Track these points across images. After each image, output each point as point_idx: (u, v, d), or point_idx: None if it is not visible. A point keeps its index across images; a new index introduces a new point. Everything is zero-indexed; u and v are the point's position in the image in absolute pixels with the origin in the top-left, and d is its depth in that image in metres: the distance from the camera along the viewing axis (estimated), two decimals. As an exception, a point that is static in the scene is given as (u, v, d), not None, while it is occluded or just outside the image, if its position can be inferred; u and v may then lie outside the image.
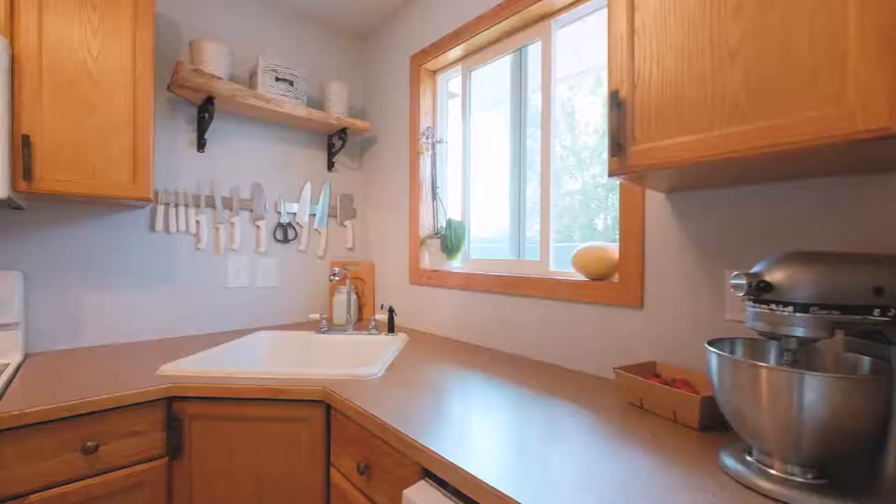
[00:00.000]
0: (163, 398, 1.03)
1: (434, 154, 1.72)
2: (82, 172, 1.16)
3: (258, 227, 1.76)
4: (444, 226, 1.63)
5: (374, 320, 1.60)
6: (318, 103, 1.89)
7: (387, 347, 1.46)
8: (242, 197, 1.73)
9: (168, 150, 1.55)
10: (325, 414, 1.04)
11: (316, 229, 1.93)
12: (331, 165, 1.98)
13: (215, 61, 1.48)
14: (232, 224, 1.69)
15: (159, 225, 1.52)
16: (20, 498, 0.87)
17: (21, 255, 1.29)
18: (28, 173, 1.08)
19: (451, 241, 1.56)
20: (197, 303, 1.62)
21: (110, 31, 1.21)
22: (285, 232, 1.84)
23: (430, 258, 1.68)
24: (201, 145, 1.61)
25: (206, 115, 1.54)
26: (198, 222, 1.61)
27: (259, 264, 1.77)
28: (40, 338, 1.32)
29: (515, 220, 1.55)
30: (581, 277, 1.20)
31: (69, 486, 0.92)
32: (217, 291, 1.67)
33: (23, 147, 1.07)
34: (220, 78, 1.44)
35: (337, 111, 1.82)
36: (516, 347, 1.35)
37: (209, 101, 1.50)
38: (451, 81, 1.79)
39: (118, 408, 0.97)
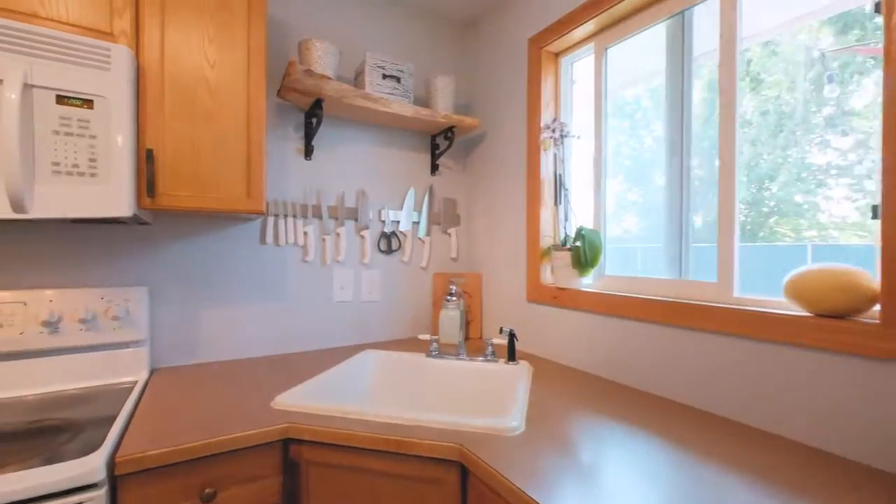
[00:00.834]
0: (280, 439, 0.91)
1: (559, 150, 1.47)
2: (199, 186, 1.10)
3: (363, 237, 1.65)
4: (573, 235, 1.37)
5: (491, 344, 1.39)
6: (422, 101, 1.73)
7: (513, 383, 1.24)
8: (347, 205, 1.62)
9: (277, 158, 1.49)
10: (459, 478, 0.84)
11: (420, 238, 1.78)
12: (434, 168, 1.82)
13: (324, 62, 1.38)
14: (338, 235, 1.60)
15: (269, 237, 1.47)
16: (142, 546, 0.80)
17: (147, 271, 1.29)
18: (152, 189, 1.03)
19: (584, 254, 1.30)
20: (304, 318, 1.55)
21: (225, 37, 1.14)
22: (389, 242, 1.71)
23: (554, 273, 1.42)
24: (308, 152, 1.53)
25: (315, 119, 1.44)
26: (305, 233, 1.53)
27: (363, 277, 1.66)
28: (162, 353, 1.32)
29: (673, 228, 1.23)
30: (798, 311, 0.87)
31: (188, 534, 0.83)
32: (323, 306, 1.58)
33: (147, 162, 1.03)
34: (330, 78, 1.33)
35: (444, 108, 1.65)
36: (689, 397, 1.05)
37: (317, 104, 1.40)
38: (576, 64, 1.52)
39: (237, 450, 0.87)
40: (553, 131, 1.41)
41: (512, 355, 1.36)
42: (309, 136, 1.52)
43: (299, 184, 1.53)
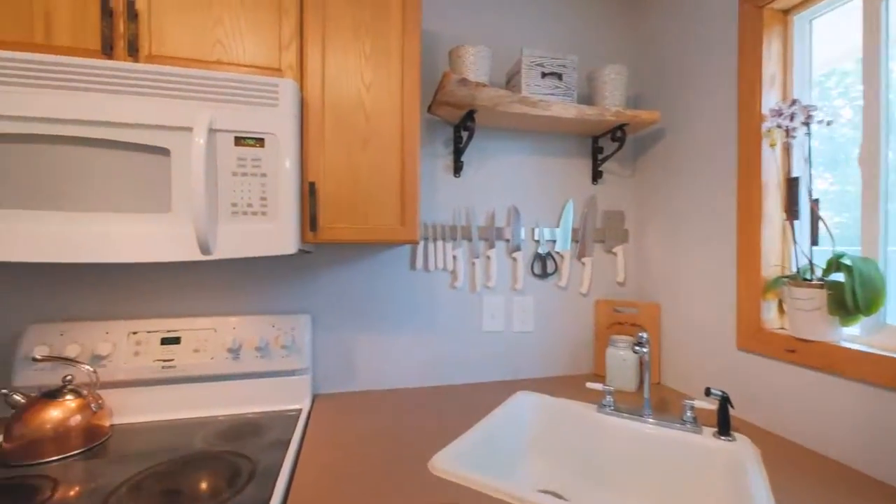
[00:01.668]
0: (442, 520, 0.78)
1: (798, 143, 1.06)
2: (356, 217, 1.05)
3: (514, 259, 1.46)
4: (825, 264, 0.95)
5: (691, 407, 1.06)
6: (584, 98, 1.46)
7: (736, 471, 0.90)
8: (498, 225, 1.46)
9: (426, 178, 1.40)
10: None
11: (581, 261, 1.52)
12: (597, 176, 1.53)
13: (477, 67, 1.23)
14: (488, 258, 1.44)
15: (419, 262, 1.38)
16: None
17: (307, 297, 1.32)
18: (314, 223, 1.01)
19: (853, 294, 0.88)
20: (454, 349, 1.43)
21: (380, 54, 1.06)
22: (544, 264, 1.49)
23: (791, 316, 1.02)
24: (457, 169, 1.41)
25: (466, 133, 1.31)
26: (454, 258, 1.41)
27: (515, 304, 1.47)
28: (322, 379, 1.33)
29: None
30: None
31: None
32: (473, 336, 1.44)
33: (310, 196, 1.00)
34: (485, 85, 1.17)
35: (612, 103, 1.36)
36: None
37: (469, 116, 1.26)
38: (817, 21, 1.08)
39: (396, 527, 0.76)
40: (786, 118, 1.01)
41: (725, 427, 1.01)
42: (458, 151, 1.39)
43: (448, 203, 1.42)
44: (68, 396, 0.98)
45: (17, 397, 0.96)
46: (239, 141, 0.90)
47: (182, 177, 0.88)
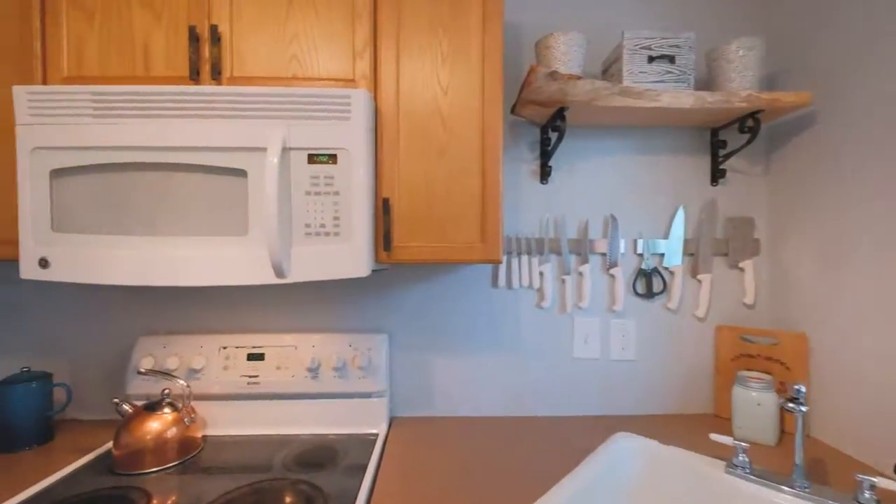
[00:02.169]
0: None
1: None
2: (432, 234, 0.96)
3: (612, 276, 1.27)
4: None
5: (871, 486, 0.78)
6: (702, 83, 1.21)
7: None
8: (592, 237, 1.27)
9: (509, 186, 1.27)
10: None
11: (696, 278, 1.27)
12: (717, 176, 1.27)
13: (569, 58, 1.07)
14: (580, 274, 1.26)
15: (501, 279, 1.26)
16: None
17: (383, 315, 1.26)
18: (388, 242, 0.93)
19: None
20: (540, 376, 1.28)
21: (459, 53, 0.96)
22: (649, 282, 1.27)
23: None
24: (545, 175, 1.25)
25: (556, 134, 1.15)
26: (541, 274, 1.26)
27: (613, 328, 1.27)
28: (399, 402, 1.27)
29: None
30: None
31: None
32: (562, 363, 1.28)
33: (383, 213, 0.93)
34: (579, 77, 1.00)
35: (743, 85, 1.10)
36: None
37: (558, 115, 1.10)
38: None
39: None
40: None
41: (931, 522, 0.72)
42: (546, 154, 1.24)
43: (534, 214, 1.27)
44: (166, 409, 1.03)
45: (126, 407, 1.03)
46: (312, 158, 0.86)
47: (258, 198, 0.86)
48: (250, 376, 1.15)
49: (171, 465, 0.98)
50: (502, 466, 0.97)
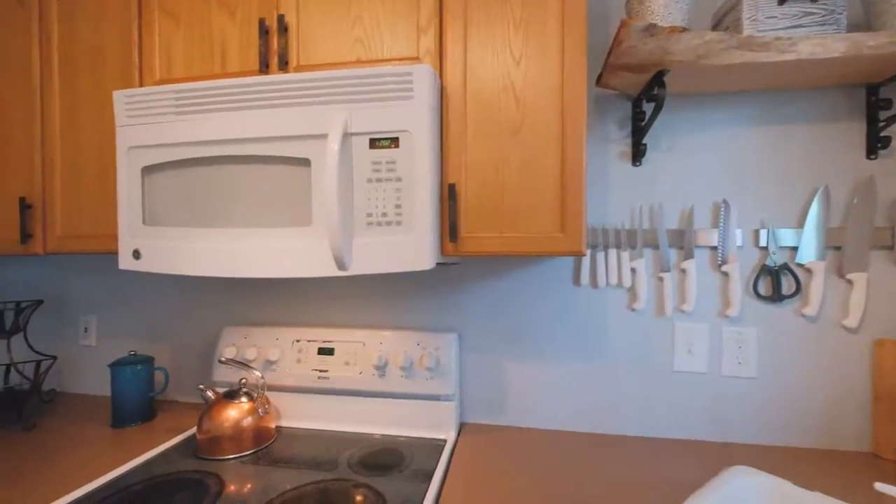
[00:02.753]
0: None
1: None
2: (503, 223, 0.85)
3: (726, 274, 1.05)
4: None
5: None
6: (854, 25, 0.95)
7: None
8: (699, 227, 1.06)
9: (595, 171, 1.11)
10: None
11: (844, 277, 1.00)
12: (876, 146, 0.98)
13: (667, 11, 0.89)
14: (683, 272, 1.06)
15: (584, 277, 1.10)
16: None
17: (453, 314, 1.18)
18: (454, 233, 0.85)
19: None
20: (630, 389, 1.10)
21: (533, 18, 0.84)
22: (776, 281, 1.02)
23: None
24: (638, 155, 1.08)
25: (652, 105, 0.98)
26: (633, 271, 1.08)
27: (727, 337, 1.05)
28: (468, 407, 1.18)
29: None
30: None
31: None
32: (659, 376, 1.09)
33: (449, 200, 0.85)
34: (684, 29, 0.83)
35: (921, 23, 0.82)
36: None
37: (656, 81, 0.93)
38: None
39: None
40: None
41: None
42: (639, 131, 1.06)
43: (624, 201, 1.10)
44: (243, 399, 1.06)
45: (209, 393, 1.08)
46: (374, 143, 0.81)
47: (320, 188, 0.82)
48: (321, 371, 1.14)
49: (246, 453, 1.00)
50: (586, 492, 0.83)
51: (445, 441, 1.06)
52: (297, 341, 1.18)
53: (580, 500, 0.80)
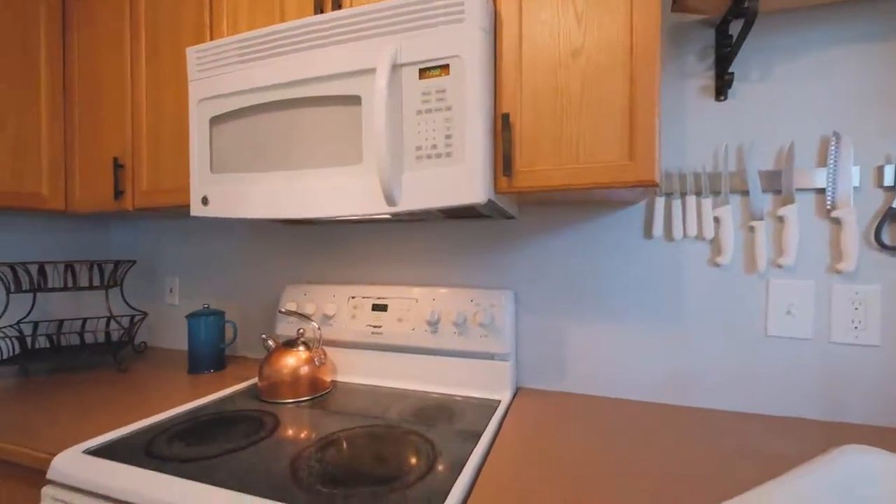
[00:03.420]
0: None
1: None
2: (564, 153, 0.78)
3: (836, 221, 0.88)
4: None
5: None
6: None
7: None
8: (800, 166, 0.90)
9: (671, 110, 0.99)
10: None
11: None
12: None
13: None
14: (780, 220, 0.91)
15: (657, 228, 0.99)
16: None
17: (509, 273, 1.12)
18: (508, 166, 0.79)
19: None
20: (710, 355, 0.97)
21: (598, -72, 0.76)
22: (906, 229, 0.84)
23: None
24: (723, 88, 0.94)
25: (740, 25, 0.85)
26: (717, 220, 0.95)
27: (837, 296, 0.88)
28: (525, 372, 1.11)
29: None
30: None
31: None
32: (748, 342, 0.94)
33: (503, 130, 0.79)
34: (785, -87, 0.70)
35: None
36: None
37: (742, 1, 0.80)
38: None
39: None
40: None
41: None
42: (724, 59, 0.93)
43: (706, 141, 0.97)
44: (300, 348, 1.09)
45: (270, 342, 1.12)
46: (423, 73, 0.78)
47: (370, 124, 0.81)
48: (374, 326, 1.14)
49: (302, 398, 1.03)
50: (652, 463, 0.73)
51: (499, 402, 1.00)
52: (353, 298, 1.19)
53: (641, 471, 0.71)
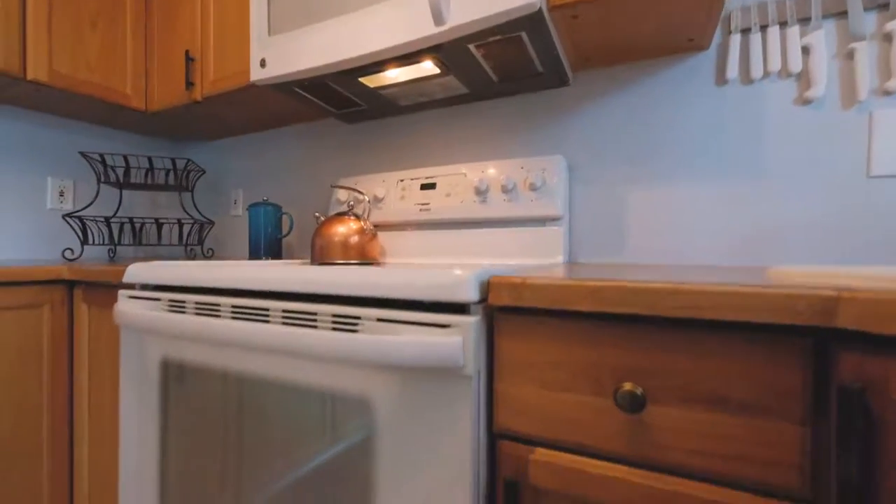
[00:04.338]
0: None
1: None
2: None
3: (963, 30, 0.74)
4: None
5: None
6: None
7: None
8: (915, -27, 0.77)
9: (747, -61, 0.89)
10: None
11: None
12: None
13: None
14: (887, 38, 0.78)
15: (731, 70, 0.89)
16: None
17: (564, 142, 1.07)
18: (562, -23, 0.75)
19: None
20: (797, 209, 0.85)
21: None
22: None
23: None
24: None
25: None
26: (804, 50, 0.84)
27: (963, 121, 0.74)
28: (582, 245, 1.05)
29: None
30: None
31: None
32: (845, 185, 0.82)
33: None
34: None
35: None
36: None
37: None
38: None
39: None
40: None
41: None
42: None
43: (792, -34, 0.85)
44: (351, 217, 1.11)
45: (320, 216, 1.15)
46: None
47: (420, -54, 0.80)
48: (422, 204, 1.14)
49: (351, 262, 1.04)
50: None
51: (553, 266, 0.96)
52: (401, 181, 1.20)
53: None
